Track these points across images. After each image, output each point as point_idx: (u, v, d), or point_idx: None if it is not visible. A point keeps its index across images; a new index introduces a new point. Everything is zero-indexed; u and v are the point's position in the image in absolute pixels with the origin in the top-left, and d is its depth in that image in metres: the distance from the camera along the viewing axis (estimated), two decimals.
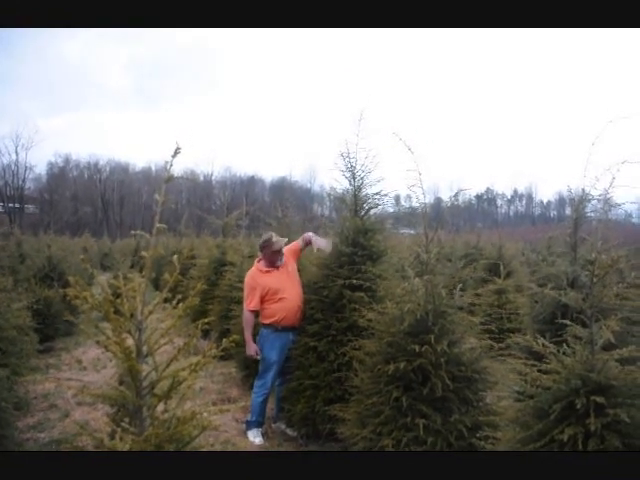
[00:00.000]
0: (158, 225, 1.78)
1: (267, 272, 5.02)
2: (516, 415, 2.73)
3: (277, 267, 5.04)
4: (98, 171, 63.37)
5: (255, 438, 4.91)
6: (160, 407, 1.81)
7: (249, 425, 5.01)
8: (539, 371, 2.75)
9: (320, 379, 4.61)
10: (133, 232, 1.87)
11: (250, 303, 4.96)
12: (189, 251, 13.16)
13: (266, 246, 4.99)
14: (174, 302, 1.85)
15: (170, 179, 1.92)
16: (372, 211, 5.11)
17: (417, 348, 3.48)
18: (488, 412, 3.45)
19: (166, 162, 1.88)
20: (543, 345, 2.81)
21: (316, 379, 4.63)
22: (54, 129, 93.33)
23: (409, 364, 3.55)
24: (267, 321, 4.94)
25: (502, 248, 10.32)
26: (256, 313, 5.03)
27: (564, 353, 2.71)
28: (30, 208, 57.14)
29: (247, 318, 4.98)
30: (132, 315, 1.75)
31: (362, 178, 5.03)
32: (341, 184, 5.12)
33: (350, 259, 4.80)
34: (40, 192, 58.78)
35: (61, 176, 60.86)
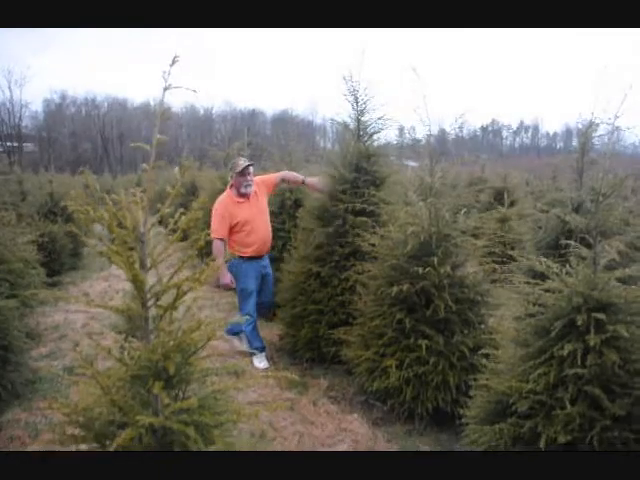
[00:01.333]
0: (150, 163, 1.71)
1: (239, 203, 4.93)
2: (517, 334, 2.76)
3: (248, 198, 4.96)
4: (96, 107, 62.17)
5: (260, 363, 4.97)
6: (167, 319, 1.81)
7: (254, 351, 5.07)
8: (542, 290, 2.77)
9: (324, 304, 4.66)
10: (145, 165, 1.80)
11: (218, 231, 4.82)
12: (191, 183, 13.13)
13: (231, 169, 4.94)
14: (176, 215, 1.81)
15: (167, 115, 1.83)
16: (376, 137, 4.99)
17: (420, 271, 3.49)
18: (490, 333, 3.50)
19: (164, 73, 1.78)
20: (546, 265, 2.81)
21: (320, 304, 4.68)
22: (47, 65, 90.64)
23: (412, 286, 3.58)
24: (238, 252, 4.91)
25: (507, 177, 10.19)
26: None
27: (567, 273, 2.71)
28: (29, 146, 56.48)
29: (218, 247, 4.83)
30: (134, 227, 1.72)
31: (365, 102, 4.87)
32: (344, 109, 4.98)
33: (353, 184, 4.73)
34: (38, 130, 57.94)
35: (58, 113, 59.75)
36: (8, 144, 53.89)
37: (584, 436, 2.31)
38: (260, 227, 4.96)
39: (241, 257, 4.92)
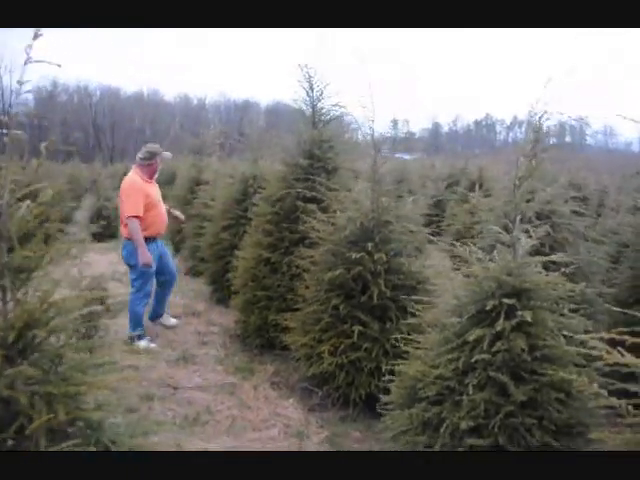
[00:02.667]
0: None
1: (148, 182, 5.15)
2: (436, 319, 2.74)
3: (153, 179, 5.26)
4: (88, 95, 61.65)
5: (150, 344, 4.98)
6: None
7: (139, 338, 4.99)
8: (466, 276, 2.75)
9: (273, 290, 4.63)
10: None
11: (135, 209, 4.89)
12: (172, 172, 13.05)
13: (157, 155, 5.16)
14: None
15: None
16: (333, 123, 4.96)
17: (355, 256, 3.46)
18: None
19: (27, 47, 1.74)
20: (469, 251, 2.79)
21: (269, 290, 4.65)
22: (36, 52, 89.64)
23: (347, 272, 3.55)
24: (145, 233, 4.96)
25: (482, 170, 10.18)
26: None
27: (490, 259, 2.69)
28: (19, 133, 55.91)
29: (136, 225, 4.88)
30: None
31: (321, 90, 4.83)
32: (300, 96, 4.94)
33: (305, 171, 4.70)
34: (28, 117, 57.41)
35: (49, 100, 59.28)
36: None
37: (487, 423, 2.30)
38: (162, 209, 5.27)
39: (148, 236, 5.01)
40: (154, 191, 5.20)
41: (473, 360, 2.36)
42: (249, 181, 6.33)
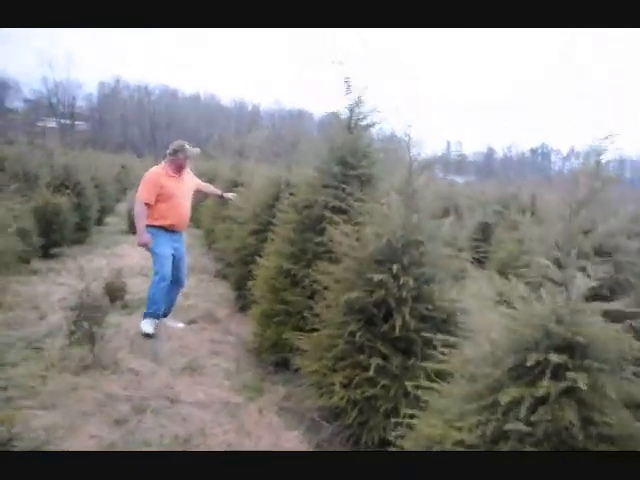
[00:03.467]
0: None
1: (170, 177, 5.24)
2: (466, 366, 2.28)
3: (180, 175, 5.32)
4: (148, 94, 63.38)
5: (145, 327, 5.01)
6: None
7: (145, 316, 5.12)
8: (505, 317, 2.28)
9: (292, 305, 4.25)
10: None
11: (144, 195, 5.11)
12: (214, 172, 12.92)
13: (181, 151, 5.24)
14: None
15: None
16: (373, 130, 4.57)
17: (377, 277, 3.04)
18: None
19: None
20: (511, 287, 2.33)
21: (288, 304, 4.27)
22: (104, 51, 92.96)
23: (369, 295, 3.13)
24: (157, 222, 5.17)
25: (535, 197, 9.51)
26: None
27: (538, 299, 2.21)
28: (82, 124, 58.07)
29: (141, 210, 5.10)
30: None
31: (359, 93, 4.44)
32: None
33: (336, 179, 4.31)
34: (91, 111, 59.51)
35: (111, 96, 61.22)
36: (62, 121, 55.57)
37: None
38: (182, 205, 5.28)
39: (160, 226, 5.18)
40: (174, 185, 5.22)
41: (506, 428, 1.88)
42: (281, 186, 6.00)
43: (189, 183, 5.51)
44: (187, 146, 5.31)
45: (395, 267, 3.06)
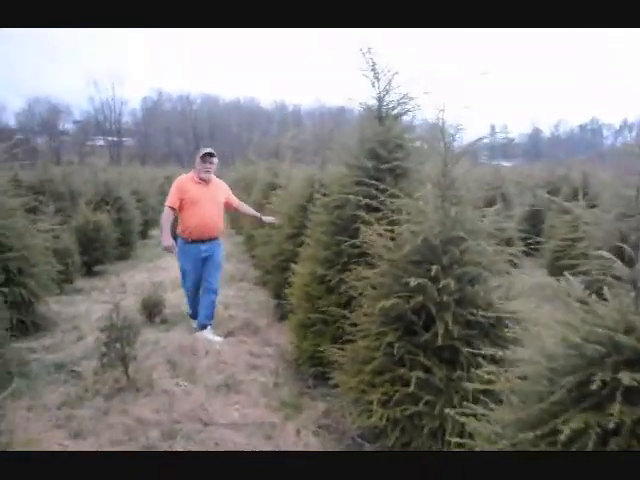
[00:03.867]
0: None
1: (196, 183, 5.31)
2: (518, 385, 1.93)
3: (207, 182, 5.34)
4: (189, 103, 64.57)
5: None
6: None
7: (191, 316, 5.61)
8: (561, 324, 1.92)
9: (328, 313, 3.97)
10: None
11: (168, 199, 5.27)
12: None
13: (201, 155, 5.32)
14: None
15: None
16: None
17: (415, 281, 2.71)
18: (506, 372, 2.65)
19: None
20: (568, 287, 1.96)
21: (324, 313, 3.99)
22: (144, 65, 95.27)
23: (406, 301, 2.81)
24: (179, 230, 5.34)
25: (587, 176, 8.83)
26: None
27: (601, 300, 1.84)
28: (128, 140, 59.82)
29: (165, 213, 5.26)
30: None
31: (389, 80, 4.10)
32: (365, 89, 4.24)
33: (368, 174, 3.99)
34: (136, 126, 61.15)
35: (154, 110, 62.70)
36: (109, 139, 57.43)
37: None
38: (204, 213, 5.23)
39: (183, 237, 5.30)
40: (199, 191, 5.27)
41: None
42: (314, 186, 5.73)
43: (217, 192, 5.47)
44: (209, 150, 5.41)
45: (434, 268, 2.73)
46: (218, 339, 5.20)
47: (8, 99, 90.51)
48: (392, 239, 3.16)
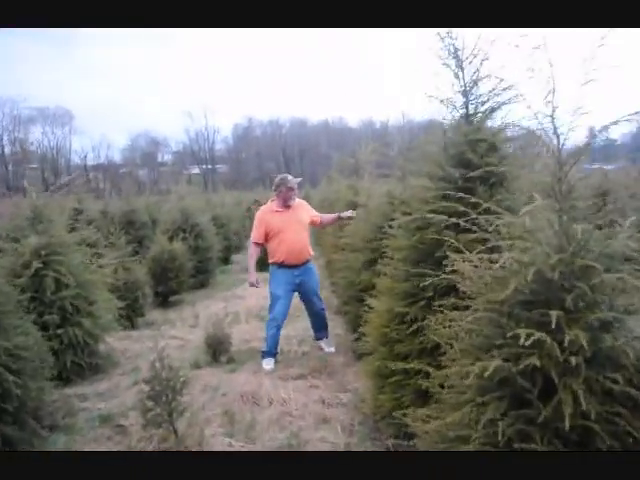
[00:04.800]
0: None
1: (277, 212, 5.30)
2: None
3: (288, 207, 5.30)
4: (279, 127, 66.00)
5: (267, 365, 5.07)
6: None
7: (263, 355, 5.20)
8: None
9: (411, 360, 3.18)
10: None
11: (253, 234, 5.36)
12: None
13: (282, 184, 5.25)
14: None
15: None
16: (495, 115, 3.38)
17: (525, 334, 1.88)
18: None
19: None
20: None
21: (405, 360, 3.21)
22: (235, 94, 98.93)
23: (514, 362, 1.97)
24: (270, 260, 5.33)
25: None
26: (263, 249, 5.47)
27: None
28: (222, 167, 62.17)
29: (251, 250, 5.41)
30: None
31: (477, 70, 3.30)
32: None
33: (456, 185, 3.20)
34: (229, 152, 63.40)
35: (245, 136, 64.74)
36: (204, 167, 59.98)
37: None
38: (290, 239, 5.21)
39: (274, 263, 5.29)
40: (281, 220, 5.25)
41: None
42: (394, 202, 4.99)
43: (300, 215, 5.41)
44: (289, 177, 5.32)
45: (554, 314, 1.88)
46: (332, 349, 5.47)
47: (111, 136, 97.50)
48: (489, 269, 2.34)
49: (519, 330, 1.89)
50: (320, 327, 5.60)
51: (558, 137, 2.19)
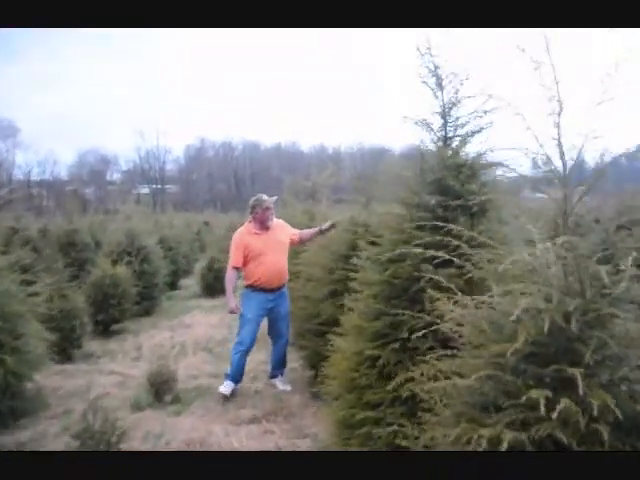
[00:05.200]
0: None
1: (255, 234, 5.10)
2: None
3: (267, 229, 5.11)
4: (231, 149, 65.44)
5: (223, 389, 4.84)
6: None
7: (225, 377, 5.00)
8: None
9: (383, 409, 2.83)
10: None
11: (231, 259, 5.12)
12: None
13: (257, 205, 5.08)
14: None
15: None
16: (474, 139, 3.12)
17: (545, 400, 1.55)
18: None
19: None
20: None
21: (376, 409, 2.85)
22: (188, 115, 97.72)
23: (522, 429, 1.64)
24: (246, 282, 5.14)
25: None
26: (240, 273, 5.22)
27: None
28: (172, 188, 60.90)
29: (229, 275, 5.12)
30: None
31: (456, 89, 3.05)
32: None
33: (433, 215, 2.90)
34: (180, 172, 62.24)
35: (197, 157, 63.84)
36: (154, 186, 58.59)
37: None
38: (270, 261, 5.04)
39: (249, 285, 5.10)
40: (260, 242, 5.07)
41: None
42: (358, 230, 4.67)
43: (280, 236, 5.23)
44: (264, 197, 5.13)
45: (573, 373, 1.57)
46: (288, 388, 5.10)
47: (58, 152, 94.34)
48: (479, 312, 2.02)
49: (534, 392, 1.56)
50: (278, 364, 5.31)
51: (565, 163, 1.92)
